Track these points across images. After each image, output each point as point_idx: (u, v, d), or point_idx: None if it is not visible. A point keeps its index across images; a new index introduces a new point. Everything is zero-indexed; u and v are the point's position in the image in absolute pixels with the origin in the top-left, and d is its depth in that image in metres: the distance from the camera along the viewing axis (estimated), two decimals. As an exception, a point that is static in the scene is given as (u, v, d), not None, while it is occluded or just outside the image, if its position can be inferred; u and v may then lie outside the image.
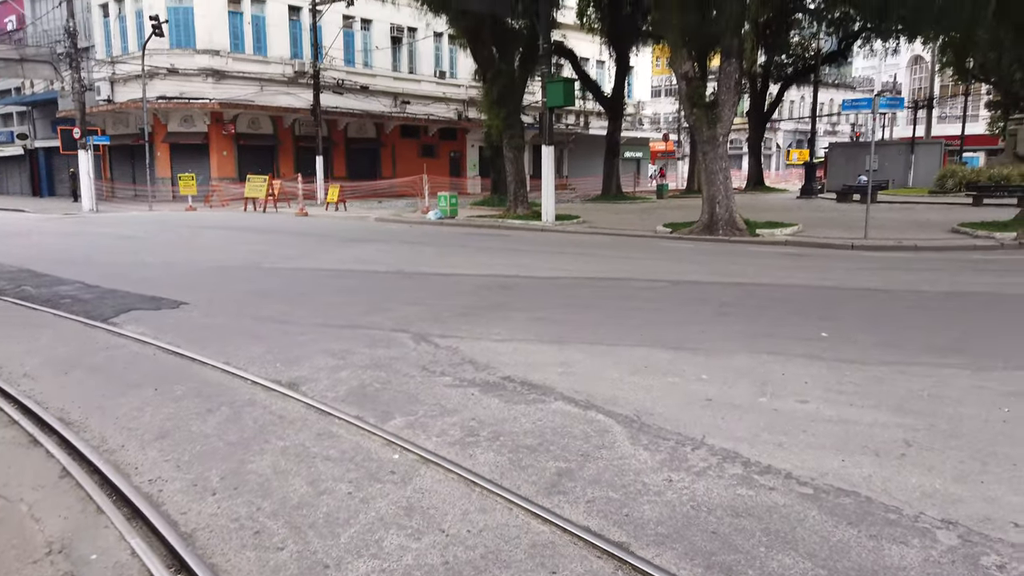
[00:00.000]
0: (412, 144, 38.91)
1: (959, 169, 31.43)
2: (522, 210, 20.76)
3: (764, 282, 9.91)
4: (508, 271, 10.86)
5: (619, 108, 32.94)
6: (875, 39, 36.93)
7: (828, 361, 5.70)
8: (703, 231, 16.24)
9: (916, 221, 18.88)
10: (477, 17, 19.49)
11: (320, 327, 6.93)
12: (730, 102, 15.97)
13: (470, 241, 15.84)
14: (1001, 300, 8.65)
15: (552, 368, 5.50)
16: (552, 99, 18.29)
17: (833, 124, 72.49)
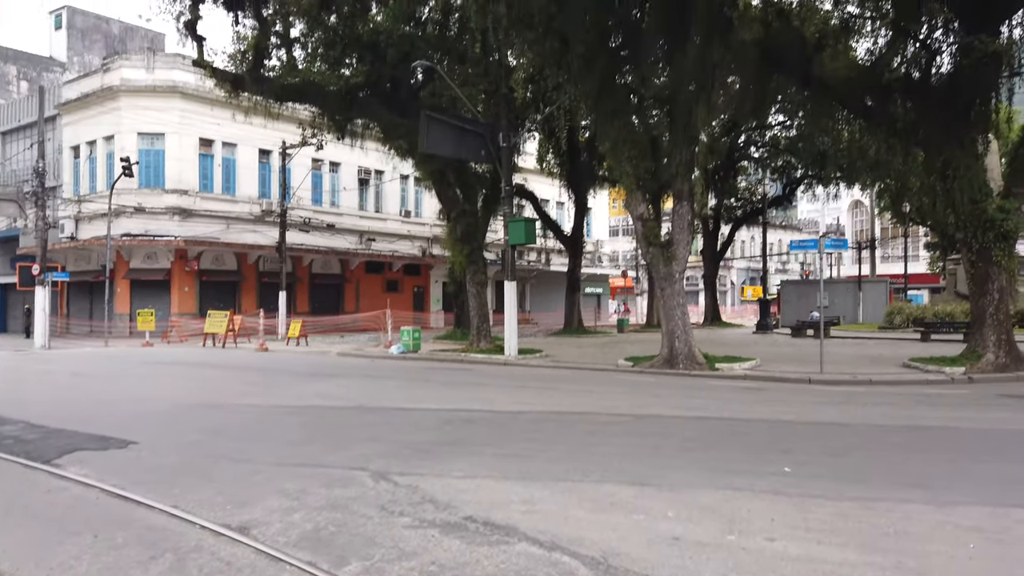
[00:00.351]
0: (376, 279, 39.36)
1: (906, 306, 32.70)
2: (485, 344, 20.85)
3: (725, 416, 9.94)
4: (471, 405, 10.75)
5: (579, 246, 34.06)
6: (816, 185, 39.48)
7: (793, 497, 5.64)
8: (664, 365, 16.41)
9: (869, 356, 19.37)
10: (442, 161, 20.42)
11: (275, 466, 6.69)
12: (684, 241, 16.63)
13: (433, 375, 15.73)
14: (957, 433, 8.77)
15: (516, 506, 5.35)
16: (514, 237, 18.87)
17: (783, 262, 75.61)
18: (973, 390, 13.08)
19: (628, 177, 16.53)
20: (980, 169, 15.99)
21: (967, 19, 15.61)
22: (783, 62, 17.53)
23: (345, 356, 21.32)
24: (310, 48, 20.96)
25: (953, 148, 15.81)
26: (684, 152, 15.95)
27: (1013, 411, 10.50)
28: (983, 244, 15.52)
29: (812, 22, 17.28)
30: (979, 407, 10.88)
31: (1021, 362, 15.28)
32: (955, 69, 16.36)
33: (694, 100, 15.16)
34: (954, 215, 16.26)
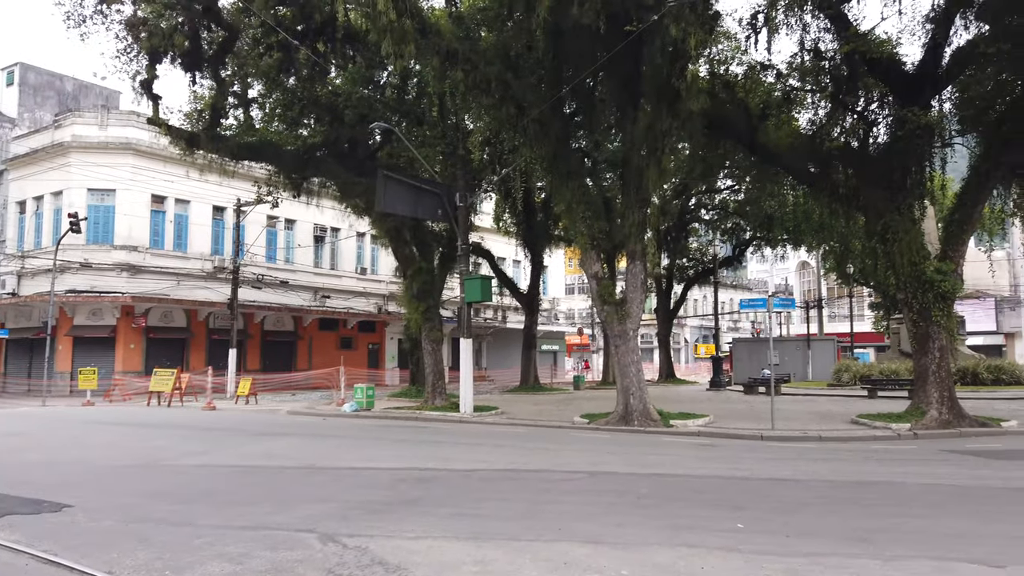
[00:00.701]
0: (330, 336, 38.84)
1: (853, 364, 33.51)
2: (440, 401, 20.64)
3: (680, 472, 9.97)
4: (424, 464, 10.58)
5: (535, 304, 34.27)
6: (764, 247, 40.68)
7: (746, 553, 5.67)
8: (619, 422, 16.43)
9: (818, 412, 19.72)
10: (399, 220, 20.53)
11: (219, 529, 6.46)
12: (638, 300, 16.90)
13: (386, 433, 15.46)
14: (903, 489, 8.94)
15: (468, 567, 5.25)
16: (470, 295, 18.93)
17: (735, 321, 76.96)
18: (918, 446, 13.38)
19: (583, 237, 16.83)
20: (917, 233, 16.70)
21: (900, 93, 16.57)
22: (730, 130, 18.30)
23: (296, 414, 20.84)
24: (268, 108, 21.11)
25: (892, 213, 16.54)
26: (636, 214, 16.35)
27: (955, 466, 10.75)
28: (923, 305, 16.12)
29: (756, 94, 18.14)
30: (923, 463, 11.13)
31: (963, 418, 15.72)
32: (891, 139, 17.27)
33: (645, 165, 15.64)
34: (895, 276, 16.90)
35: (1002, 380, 28.53)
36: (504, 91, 15.59)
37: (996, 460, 11.33)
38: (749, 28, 16.60)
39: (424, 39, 14.86)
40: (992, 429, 15.46)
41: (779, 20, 15.94)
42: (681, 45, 13.29)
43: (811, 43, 16.92)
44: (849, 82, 17.11)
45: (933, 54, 16.63)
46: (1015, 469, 10.54)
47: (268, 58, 18.29)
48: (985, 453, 12.05)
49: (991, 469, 10.43)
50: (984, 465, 10.81)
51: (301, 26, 17.67)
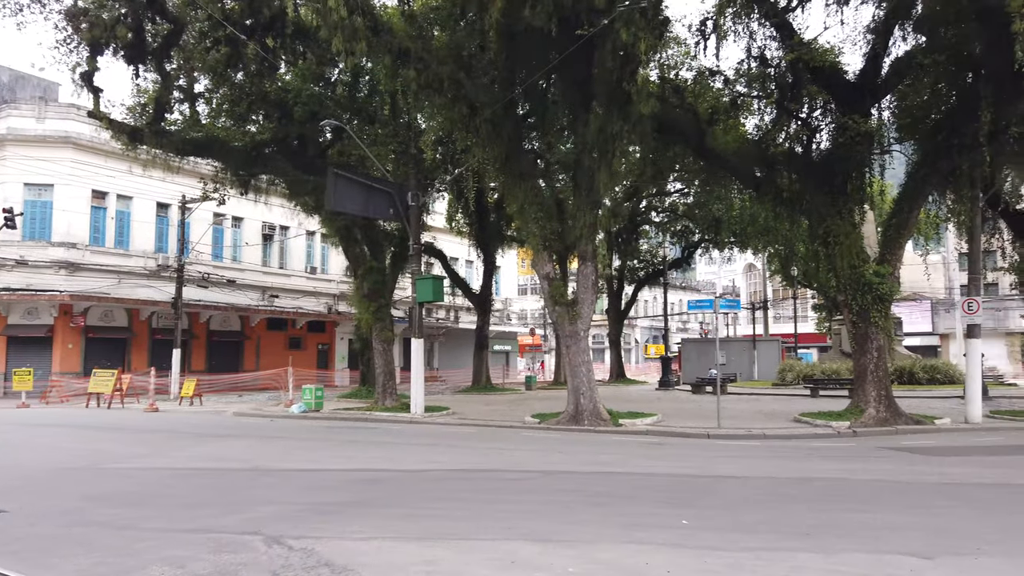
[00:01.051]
0: (279, 337, 38.17)
1: (796, 364, 34.40)
2: (391, 402, 20.48)
3: (628, 471, 10.10)
4: (374, 465, 10.49)
5: (487, 304, 34.30)
6: (712, 249, 41.54)
7: (692, 548, 5.78)
8: (569, 421, 16.56)
9: (762, 411, 20.20)
10: (349, 219, 20.31)
11: (161, 532, 6.31)
12: (588, 300, 17.06)
13: (335, 435, 15.28)
14: (843, 484, 9.22)
15: (416, 568, 5.23)
16: (422, 295, 18.83)
17: (684, 322, 78.24)
18: (857, 443, 13.82)
19: (535, 238, 16.92)
20: (858, 237, 17.25)
21: (842, 101, 17.08)
22: (679, 134, 18.62)
23: (242, 416, 20.43)
24: (215, 104, 20.62)
25: (833, 217, 17.05)
26: (588, 215, 16.50)
27: (892, 463, 11.13)
28: (862, 306, 16.65)
29: (705, 99, 18.50)
30: (862, 459, 11.49)
31: (899, 416, 16.30)
32: (833, 146, 17.79)
33: (596, 167, 15.79)
34: (836, 279, 17.43)
35: (937, 379, 29.67)
36: (457, 91, 15.57)
37: (930, 456, 11.76)
38: (698, 34, 16.96)
39: (376, 37, 14.74)
40: (926, 427, 16.06)
41: (727, 27, 16.29)
42: (631, 49, 13.46)
43: (757, 50, 17.38)
44: (793, 89, 17.59)
45: (873, 64, 17.20)
46: (948, 465, 10.96)
47: (215, 52, 17.90)
48: (920, 450, 12.51)
49: (926, 465, 10.83)
50: (919, 461, 11.21)
51: (250, 21, 17.32)
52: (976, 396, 17.02)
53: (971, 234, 17.86)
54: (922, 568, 5.28)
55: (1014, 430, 16.21)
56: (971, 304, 17.38)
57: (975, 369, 17.26)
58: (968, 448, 12.95)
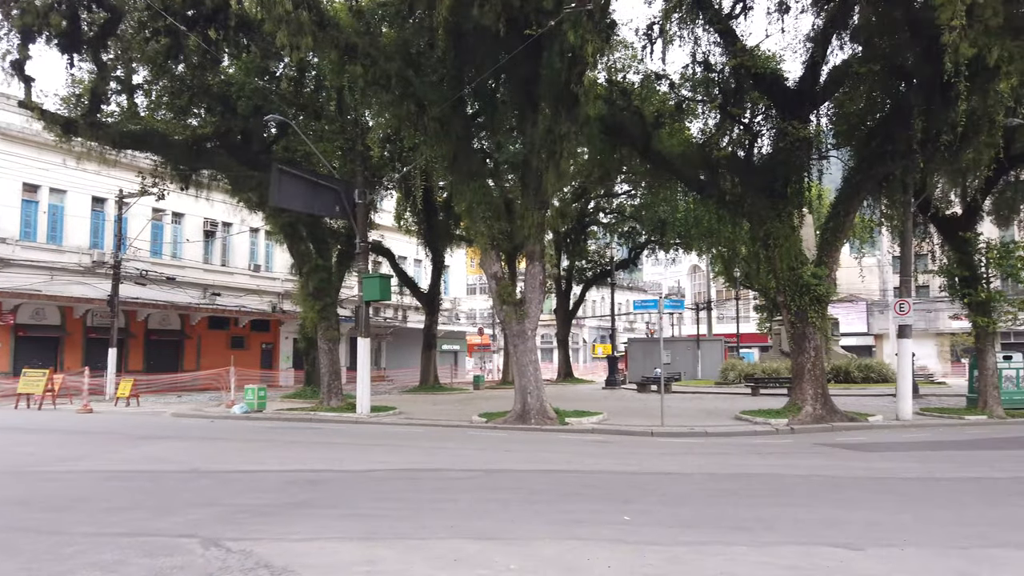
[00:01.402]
0: (221, 336, 37.31)
1: (738, 363, 35.20)
2: (336, 402, 20.20)
3: (572, 468, 10.18)
4: (317, 465, 10.35)
5: (435, 303, 34.15)
6: (658, 250, 42.17)
7: (631, 544, 5.87)
8: (516, 420, 16.62)
9: (705, 409, 20.61)
10: (294, 216, 19.97)
11: (92, 536, 6.10)
12: (536, 300, 17.14)
13: (278, 435, 15.01)
14: (779, 480, 9.48)
15: (358, 568, 5.19)
16: (368, 294, 18.63)
17: (631, 322, 79.28)
18: (795, 440, 14.21)
19: (483, 237, 16.93)
20: (796, 240, 17.75)
21: (782, 107, 17.56)
22: (626, 136, 18.86)
23: (181, 417, 19.90)
24: (154, 96, 20.00)
25: (773, 220, 17.50)
26: (536, 215, 16.59)
27: (827, 458, 11.49)
28: (800, 307, 17.13)
29: (651, 102, 18.79)
30: (799, 455, 11.84)
31: (835, 413, 16.83)
32: (773, 150, 18.29)
33: (544, 168, 15.88)
34: (775, 280, 17.90)
35: (871, 378, 30.74)
36: (404, 88, 15.45)
37: (862, 452, 12.19)
38: (645, 38, 17.19)
39: (322, 32, 14.53)
40: (860, 423, 16.62)
41: (673, 32, 16.57)
42: (579, 52, 13.59)
43: (702, 56, 17.73)
44: (736, 94, 18.01)
45: (812, 71, 17.72)
46: (877, 460, 11.37)
47: (155, 43, 17.36)
48: (852, 446, 12.94)
49: (857, 460, 11.21)
50: (851, 457, 11.60)
51: (191, 11, 16.88)
52: (907, 394, 17.68)
53: (903, 238, 18.55)
54: (851, 559, 5.47)
55: (941, 426, 16.92)
56: (902, 305, 18.05)
57: (906, 368, 17.92)
58: (897, 444, 13.46)
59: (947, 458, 11.60)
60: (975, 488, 8.73)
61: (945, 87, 14.81)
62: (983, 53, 12.78)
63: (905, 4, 14.55)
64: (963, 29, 12.32)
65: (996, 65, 12.95)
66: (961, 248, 19.30)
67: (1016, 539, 6.12)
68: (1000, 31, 12.92)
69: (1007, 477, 9.52)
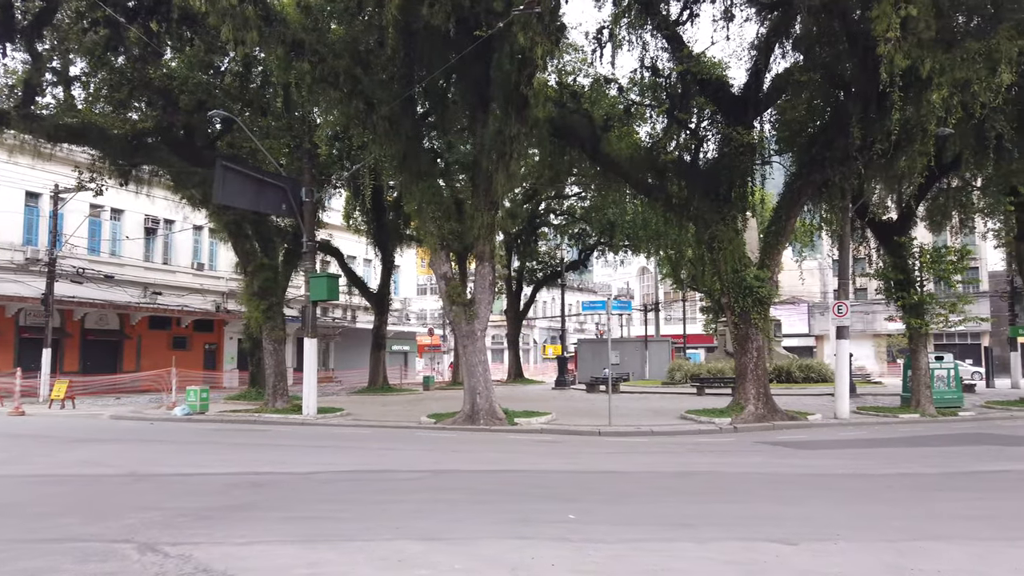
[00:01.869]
0: (162, 336, 36.29)
1: (684, 363, 35.85)
2: (282, 403, 19.85)
3: (520, 468, 10.23)
4: (260, 468, 10.16)
5: (385, 303, 33.85)
6: (608, 251, 42.65)
7: (575, 542, 5.93)
8: (466, 421, 16.61)
9: (652, 409, 20.93)
10: (239, 213, 19.55)
11: (21, 543, 5.88)
12: (486, 301, 17.16)
13: (221, 437, 14.69)
14: (721, 477, 9.70)
15: (300, 570, 5.13)
16: (315, 293, 18.37)
17: (581, 323, 79.96)
18: (737, 438, 14.53)
19: (433, 237, 16.86)
20: (740, 243, 18.16)
21: (727, 113, 17.96)
22: (576, 139, 19.02)
23: (120, 419, 19.30)
24: (92, 88, 19.34)
25: (718, 224, 17.88)
26: (486, 216, 16.60)
27: (767, 456, 11.80)
28: (743, 308, 17.54)
29: (601, 105, 18.99)
30: (740, 453, 12.12)
31: (776, 412, 17.27)
32: (719, 155, 18.67)
33: (494, 169, 15.91)
34: (720, 282, 18.28)
35: (812, 378, 31.63)
36: (353, 86, 15.29)
37: (800, 450, 12.55)
38: (595, 42, 17.37)
39: (268, 27, 14.28)
40: (800, 422, 17.09)
41: (622, 37, 16.77)
42: (529, 53, 13.65)
43: (650, 61, 18.00)
44: (683, 100, 18.32)
45: (756, 79, 18.17)
46: (814, 457, 11.72)
47: (93, 34, 16.80)
48: (791, 444, 13.31)
49: (796, 458, 11.54)
50: (789, 455, 11.93)
51: (132, 2, 16.40)
52: (844, 394, 18.26)
53: (841, 242, 19.17)
54: (787, 553, 5.63)
55: (876, 424, 17.52)
56: (840, 307, 18.63)
57: (844, 368, 18.51)
58: (834, 442, 13.90)
59: (880, 455, 12.04)
60: (905, 484, 9.07)
61: (881, 96, 15.38)
62: (916, 64, 13.31)
63: (843, 16, 15.03)
64: (898, 41, 12.81)
65: (928, 76, 13.48)
66: (896, 252, 20.01)
67: (941, 532, 6.39)
68: (932, 43, 13.48)
69: (935, 473, 9.92)
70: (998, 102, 13.61)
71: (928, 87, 14.09)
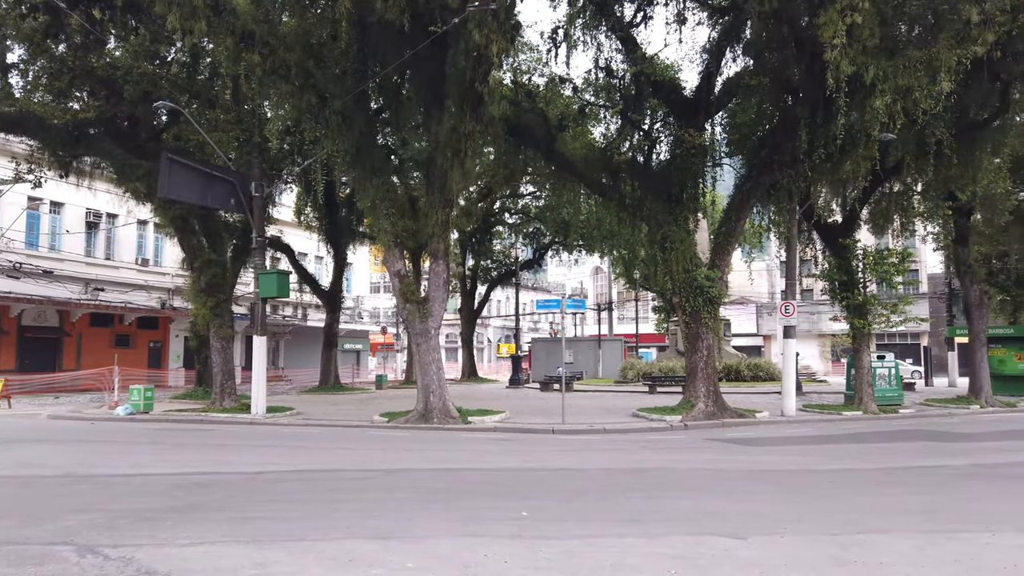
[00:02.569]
0: (104, 333, 35.18)
1: (637, 362, 36.26)
2: (230, 403, 19.41)
3: (473, 467, 10.20)
4: (206, 468, 9.92)
5: (337, 301, 33.41)
6: (562, 251, 42.89)
7: (528, 539, 5.93)
8: (419, 420, 16.51)
9: (604, 407, 21.11)
10: (186, 208, 19.03)
11: (-51, 549, 5.62)
12: (440, 299, 17.07)
13: (165, 437, 14.30)
14: (671, 474, 9.82)
15: (247, 571, 5.01)
16: (265, 290, 18.02)
17: (535, 321, 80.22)
18: (687, 435, 14.76)
19: (386, 234, 16.70)
20: (691, 244, 18.44)
21: (680, 115, 18.22)
22: (531, 138, 19.04)
23: (58, 419, 18.63)
24: (31, 76, 18.58)
25: (670, 224, 18.13)
26: (440, 214, 16.51)
27: (716, 453, 12.01)
28: (694, 307, 17.82)
29: (556, 105, 19.07)
30: (690, 450, 12.30)
31: (725, 410, 17.59)
32: (671, 157, 18.91)
33: (449, 166, 15.82)
34: (671, 282, 18.52)
35: (760, 377, 32.31)
36: (305, 79, 15.04)
37: (748, 447, 12.81)
38: (550, 42, 17.44)
39: (217, 17, 13.95)
40: (748, 420, 17.44)
41: (576, 37, 16.90)
42: (484, 51, 13.62)
43: (604, 62, 18.15)
44: (636, 101, 18.50)
45: (708, 82, 18.48)
46: (762, 454, 11.98)
47: (32, 20, 16.15)
48: (740, 441, 13.59)
49: (745, 455, 11.76)
50: (739, 452, 12.16)
51: (74, -13, 15.84)
52: (791, 392, 18.70)
53: (788, 243, 19.63)
54: (735, 547, 5.73)
55: (821, 421, 17.99)
56: (787, 308, 19.07)
57: (790, 367, 18.95)
58: (780, 439, 14.22)
59: (824, 452, 12.35)
60: (848, 479, 9.32)
61: (827, 101, 15.76)
62: (861, 71, 13.68)
63: (792, 22, 15.36)
64: (844, 48, 13.15)
65: (872, 83, 13.87)
66: (841, 254, 20.57)
67: (881, 525, 6.57)
68: (876, 51, 13.87)
69: (876, 468, 10.22)
70: (939, 109, 14.07)
71: (872, 93, 14.48)
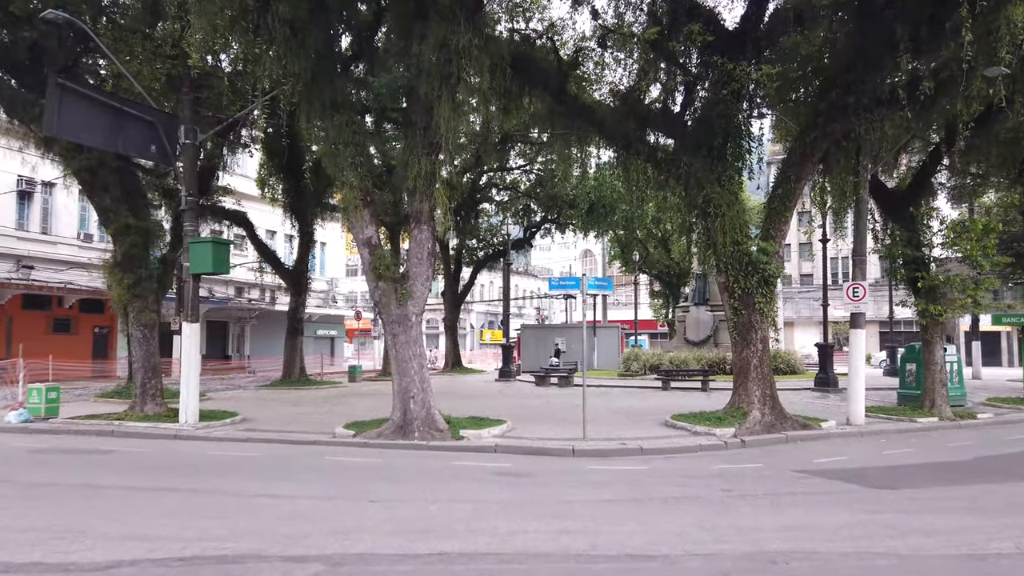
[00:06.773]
0: (39, 318, 30.82)
1: (641, 353, 32.49)
2: (153, 407, 15.16)
3: (479, 545, 6.23)
4: (31, 550, 5.87)
5: (303, 282, 29.27)
6: (555, 230, 39.03)
7: None
8: (395, 433, 12.61)
9: (622, 410, 17.19)
10: (96, 158, 14.67)
11: None
12: (423, 275, 13.09)
13: (20, 471, 10.23)
14: (822, 569, 5.96)
15: None
16: (196, 264, 13.87)
17: (519, 307, 76.42)
18: (758, 460, 10.85)
19: (352, 189, 12.65)
20: (741, 209, 14.65)
21: (721, 49, 14.18)
22: (538, 77, 15.02)
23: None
24: None
25: (713, 185, 14.29)
26: (424, 162, 12.48)
27: (839, 506, 8.12)
28: (746, 289, 14.02)
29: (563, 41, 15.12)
30: (792, 498, 8.43)
31: (785, 419, 13.84)
32: (712, 100, 14.95)
33: (436, 96, 11.78)
34: (716, 257, 14.67)
35: (780, 369, 28.59)
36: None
37: (868, 488, 8.93)
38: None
39: None
40: (814, 431, 13.73)
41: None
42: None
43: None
44: (672, 28, 14.53)
45: (757, 7, 14.65)
46: (910, 507, 8.08)
47: None
48: (841, 474, 9.74)
49: (885, 510, 7.90)
50: (868, 502, 8.30)
51: None
52: (859, 396, 14.96)
53: (858, 209, 15.86)
54: None
55: (901, 433, 14.38)
56: (856, 290, 15.34)
57: (858, 363, 15.22)
58: (891, 469, 10.38)
59: (986, 496, 8.51)
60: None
61: (932, 20, 12.01)
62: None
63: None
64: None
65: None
66: (909, 226, 16.86)
67: None
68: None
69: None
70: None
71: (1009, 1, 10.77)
